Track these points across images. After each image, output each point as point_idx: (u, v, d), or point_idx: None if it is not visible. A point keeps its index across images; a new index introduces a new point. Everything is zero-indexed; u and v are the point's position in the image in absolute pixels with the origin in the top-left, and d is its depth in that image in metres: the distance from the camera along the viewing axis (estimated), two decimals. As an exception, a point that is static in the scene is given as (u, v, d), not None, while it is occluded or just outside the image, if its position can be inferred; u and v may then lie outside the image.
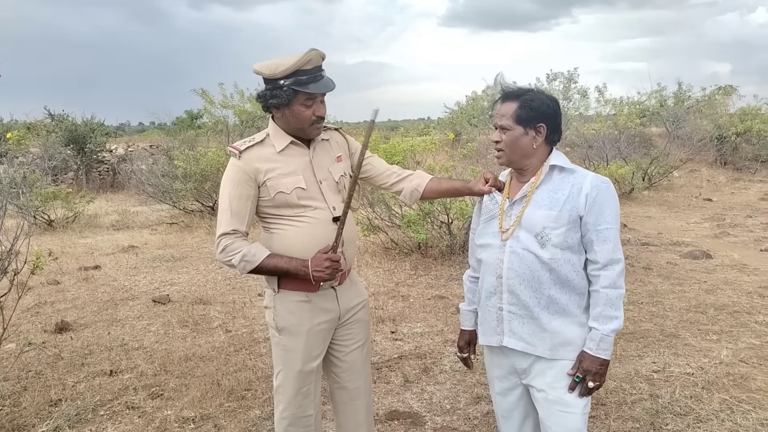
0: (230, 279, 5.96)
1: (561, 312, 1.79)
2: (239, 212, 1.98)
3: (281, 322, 2.07)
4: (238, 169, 1.99)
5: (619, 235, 1.81)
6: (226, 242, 1.97)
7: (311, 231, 2.02)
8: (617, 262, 1.77)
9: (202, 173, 9.42)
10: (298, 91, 1.94)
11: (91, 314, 4.91)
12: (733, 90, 17.35)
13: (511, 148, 1.84)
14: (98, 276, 6.21)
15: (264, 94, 1.99)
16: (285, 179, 2.00)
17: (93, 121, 16.03)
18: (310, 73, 1.94)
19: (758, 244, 6.99)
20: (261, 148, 2.03)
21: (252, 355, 3.92)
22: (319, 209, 2.04)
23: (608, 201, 1.78)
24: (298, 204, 2.01)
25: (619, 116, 12.28)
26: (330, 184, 2.10)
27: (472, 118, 17.11)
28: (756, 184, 13.15)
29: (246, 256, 1.95)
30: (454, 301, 4.96)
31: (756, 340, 3.92)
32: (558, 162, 1.84)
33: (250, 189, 1.99)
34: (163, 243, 8.05)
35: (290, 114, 1.98)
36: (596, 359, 1.75)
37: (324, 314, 2.09)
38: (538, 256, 1.77)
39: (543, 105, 1.81)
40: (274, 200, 2.01)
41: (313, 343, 2.10)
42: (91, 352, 4.05)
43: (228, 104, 12.36)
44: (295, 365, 2.09)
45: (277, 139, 2.04)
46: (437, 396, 3.27)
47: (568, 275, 1.78)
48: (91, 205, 10.40)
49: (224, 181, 2.02)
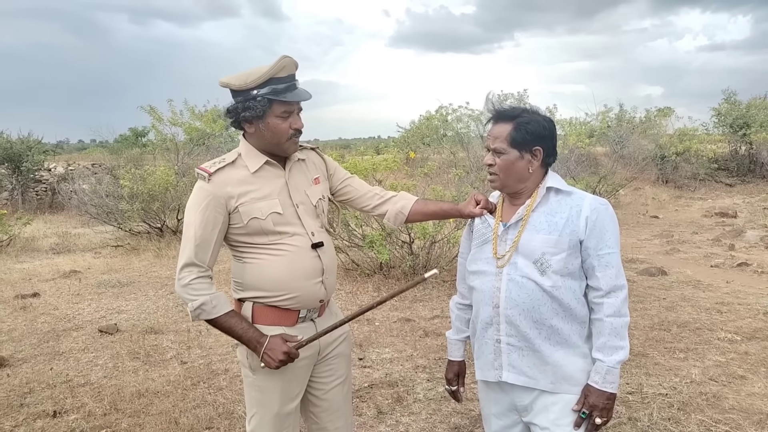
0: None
1: (563, 343, 1.68)
2: (205, 242, 1.78)
3: (255, 360, 1.85)
4: (207, 193, 1.79)
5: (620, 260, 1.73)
6: (190, 277, 1.77)
7: (289, 260, 1.85)
8: (621, 288, 1.68)
9: (149, 193, 9.04)
10: (274, 101, 1.78)
11: (30, 347, 4.51)
12: (671, 111, 18.19)
13: (506, 173, 1.73)
14: (37, 304, 5.76)
15: (235, 107, 1.82)
16: (259, 203, 1.82)
17: (29, 139, 15.25)
18: (284, 82, 1.80)
19: (708, 260, 7.21)
20: (232, 169, 1.84)
21: (211, 389, 3.66)
22: (297, 235, 1.87)
23: (609, 224, 1.69)
24: (273, 231, 1.83)
25: (569, 136, 12.58)
26: (308, 207, 1.93)
27: (425, 137, 17.23)
28: (697, 201, 13.72)
29: (205, 305, 1.76)
30: (420, 324, 4.84)
31: (721, 357, 3.96)
32: (554, 184, 1.75)
33: (219, 216, 1.79)
34: (108, 267, 7.61)
35: (265, 128, 1.82)
36: (603, 393, 1.64)
37: (303, 350, 1.89)
38: (539, 283, 1.67)
39: (539, 127, 1.71)
40: (247, 227, 1.82)
41: (292, 382, 1.91)
42: (31, 390, 3.69)
43: (177, 121, 11.99)
44: (272, 407, 1.89)
45: (250, 159, 1.86)
46: (413, 428, 3.11)
47: (570, 303, 1.68)
48: (28, 227, 9.81)
49: (190, 206, 1.82)
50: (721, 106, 17.03)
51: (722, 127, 17.08)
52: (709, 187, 15.46)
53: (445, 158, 14.25)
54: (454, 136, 15.69)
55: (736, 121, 16.32)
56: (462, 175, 7.50)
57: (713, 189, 15.36)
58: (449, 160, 13.76)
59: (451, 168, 9.88)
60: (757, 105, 16.62)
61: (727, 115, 16.61)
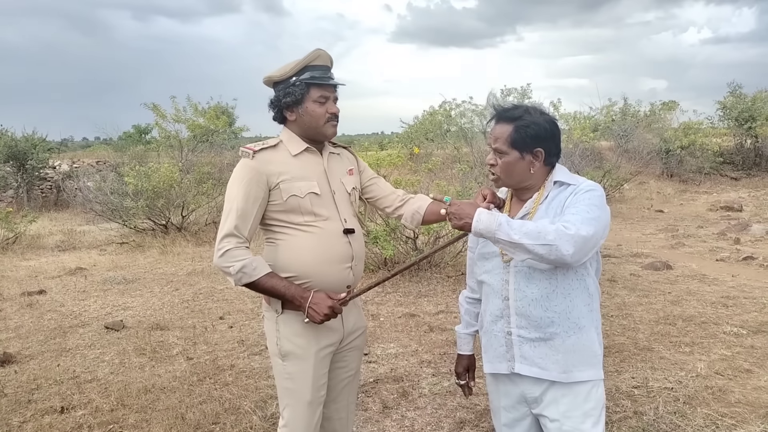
0: (188, 302, 5.66)
1: (574, 328, 1.67)
2: (246, 214, 1.85)
3: (286, 345, 1.92)
4: (251, 168, 1.88)
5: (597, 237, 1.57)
6: (228, 246, 1.83)
7: (321, 242, 1.91)
8: (576, 227, 1.52)
9: (154, 190, 9.05)
10: (311, 86, 1.91)
11: (36, 344, 4.54)
12: (675, 105, 18.12)
13: (507, 173, 1.73)
14: (43, 301, 5.79)
15: (277, 96, 1.96)
16: (299, 183, 1.91)
17: (34, 136, 15.27)
18: (319, 70, 1.92)
19: (713, 254, 7.19)
20: (274, 151, 1.95)
21: (217, 385, 3.68)
22: (331, 219, 1.95)
23: (588, 199, 1.61)
24: (310, 210, 1.91)
25: (574, 130, 12.54)
26: (342, 195, 2.02)
27: (429, 133, 17.20)
28: (702, 195, 13.68)
29: (246, 267, 1.81)
30: (425, 319, 4.85)
31: (727, 351, 3.95)
32: (561, 177, 1.74)
33: (261, 191, 1.87)
34: (114, 264, 7.63)
35: (304, 113, 1.93)
36: (470, 221, 1.59)
37: (329, 336, 1.97)
38: (545, 272, 1.67)
39: (540, 129, 1.69)
40: (286, 204, 1.89)
41: (320, 369, 1.96)
42: (38, 386, 3.71)
43: (180, 118, 12.00)
44: (305, 395, 1.93)
45: (291, 144, 1.97)
46: (419, 422, 3.12)
47: (579, 284, 1.68)
48: (34, 224, 9.84)
49: (233, 180, 1.90)
50: (727, 100, 16.95)
51: (727, 120, 17.00)
52: (714, 181, 15.41)
53: (449, 153, 14.22)
54: (458, 131, 15.66)
55: (742, 115, 16.24)
56: (466, 170, 7.49)
57: (718, 183, 15.31)
58: (453, 155, 13.74)
59: (455, 163, 9.87)
60: (762, 98, 16.51)
61: (733, 109, 16.52)
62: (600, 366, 1.71)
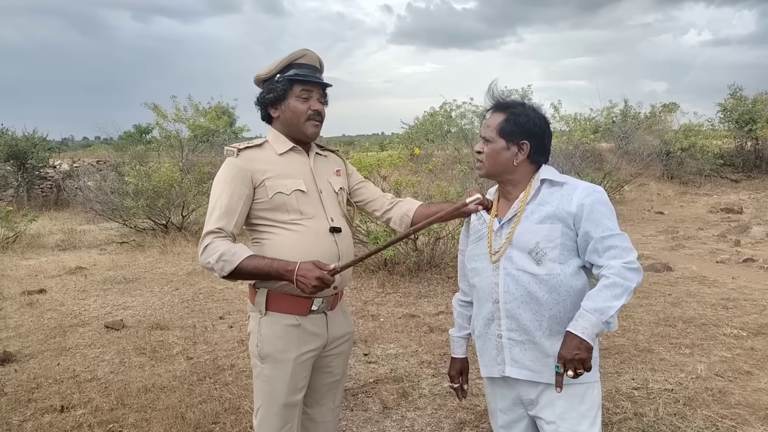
0: (188, 301, 5.66)
1: (563, 330, 1.67)
2: (230, 210, 1.84)
3: (266, 347, 1.90)
4: (234, 166, 1.88)
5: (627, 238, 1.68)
6: (208, 241, 1.81)
7: (306, 240, 1.89)
8: (628, 251, 1.62)
9: (154, 189, 9.06)
10: (294, 82, 1.91)
11: (36, 343, 4.54)
12: (676, 107, 18.10)
13: (491, 161, 1.75)
14: (44, 300, 5.79)
15: (261, 93, 1.97)
16: (285, 180, 1.91)
17: (34, 136, 15.26)
18: (305, 68, 1.93)
19: (713, 255, 7.18)
20: (259, 150, 1.95)
21: (217, 384, 3.67)
22: (317, 218, 1.93)
23: (603, 208, 1.66)
24: (296, 208, 1.90)
25: (574, 131, 12.53)
26: (330, 194, 2.01)
27: (429, 133, 17.19)
28: (702, 197, 13.67)
29: (224, 255, 1.76)
30: (425, 320, 4.84)
31: (727, 352, 3.95)
32: (548, 176, 1.74)
33: (245, 188, 1.86)
34: (114, 263, 7.63)
35: (287, 109, 1.93)
36: (575, 338, 1.53)
37: (312, 341, 1.94)
38: (535, 274, 1.66)
39: (529, 122, 1.72)
40: (271, 201, 1.88)
41: (299, 373, 1.93)
42: (38, 385, 3.71)
43: (181, 118, 11.99)
44: (279, 398, 1.90)
45: (277, 143, 1.97)
46: (419, 423, 3.12)
47: (570, 286, 1.66)
48: (34, 224, 9.83)
49: (217, 179, 1.89)
50: (727, 102, 16.94)
51: (728, 122, 16.99)
52: (715, 183, 15.40)
53: (450, 154, 14.21)
54: (458, 132, 15.66)
55: (742, 117, 16.23)
56: (466, 171, 7.49)
57: (719, 185, 15.30)
58: (453, 156, 13.73)
59: (456, 164, 9.88)
60: (763, 100, 16.51)
61: (733, 111, 16.52)
62: (596, 367, 1.71)
